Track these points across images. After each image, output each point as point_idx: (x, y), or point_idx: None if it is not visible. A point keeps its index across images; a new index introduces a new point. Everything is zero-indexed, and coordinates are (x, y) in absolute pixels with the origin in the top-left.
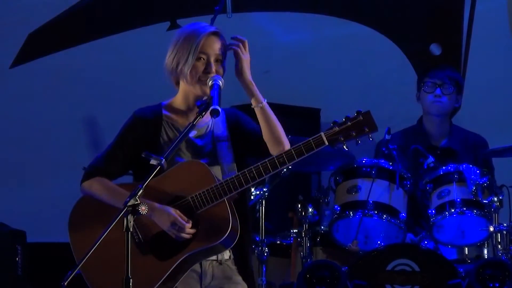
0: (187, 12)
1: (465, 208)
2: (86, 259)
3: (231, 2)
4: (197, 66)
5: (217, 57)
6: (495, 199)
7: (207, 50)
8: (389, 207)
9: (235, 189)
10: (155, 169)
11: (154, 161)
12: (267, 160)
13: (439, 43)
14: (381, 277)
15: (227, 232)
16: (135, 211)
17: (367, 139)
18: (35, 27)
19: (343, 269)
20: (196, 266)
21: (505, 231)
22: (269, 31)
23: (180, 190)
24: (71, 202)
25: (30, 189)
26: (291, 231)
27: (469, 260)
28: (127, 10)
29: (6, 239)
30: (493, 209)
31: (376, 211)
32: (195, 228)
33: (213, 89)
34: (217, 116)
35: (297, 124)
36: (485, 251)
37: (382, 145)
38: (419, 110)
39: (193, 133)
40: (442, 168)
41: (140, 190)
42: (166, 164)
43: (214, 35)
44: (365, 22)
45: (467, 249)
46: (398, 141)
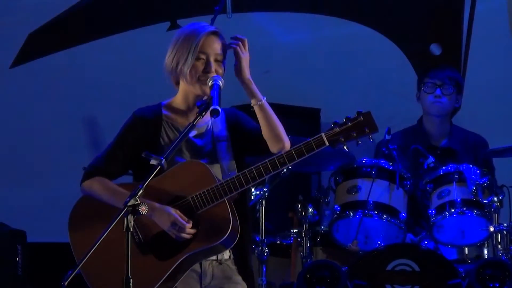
0: (187, 12)
1: (465, 208)
2: (86, 259)
3: (231, 2)
4: (197, 65)
5: (217, 57)
6: (495, 199)
7: (206, 49)
8: (389, 207)
9: (235, 189)
10: (155, 169)
11: (154, 161)
12: (268, 161)
13: (439, 43)
14: (381, 277)
15: (227, 233)
16: (135, 211)
17: (367, 140)
18: (35, 27)
19: (343, 269)
20: (196, 266)
21: (505, 231)
22: (269, 31)
23: (180, 190)
24: (71, 202)
25: (30, 189)
26: (291, 231)
27: (469, 260)
28: (127, 10)
29: (6, 239)
30: (493, 209)
31: (376, 211)
32: (195, 228)
33: (213, 89)
34: (217, 116)
35: (297, 124)
36: (485, 251)
37: (382, 145)
38: (419, 110)
39: (193, 133)
40: (442, 168)
41: (140, 190)
42: (166, 164)
43: (213, 34)
44: (365, 22)
45: (467, 249)
46: (398, 141)
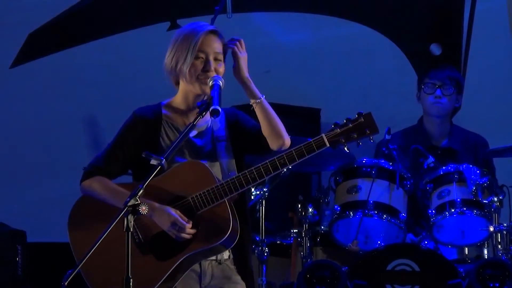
0: (187, 12)
1: (465, 208)
2: (86, 259)
3: (231, 2)
4: (196, 64)
5: (216, 56)
6: (495, 199)
7: (205, 48)
8: (389, 207)
9: (235, 189)
10: (155, 169)
11: (154, 161)
12: (268, 161)
13: (439, 43)
14: (381, 277)
15: (227, 233)
16: (135, 211)
17: (368, 141)
18: (35, 27)
19: (343, 269)
20: (196, 266)
21: (505, 231)
22: (269, 31)
23: (180, 190)
24: (71, 202)
25: (30, 189)
26: (291, 231)
27: (469, 260)
28: (127, 10)
29: (6, 239)
30: (493, 209)
31: (376, 211)
32: (195, 228)
33: (213, 89)
34: (217, 116)
35: (297, 124)
36: (485, 251)
37: (382, 145)
38: (419, 110)
39: (193, 133)
40: (442, 168)
41: (141, 190)
42: (167, 164)
43: (212, 34)
44: (365, 22)
45: (467, 249)
46: (398, 141)
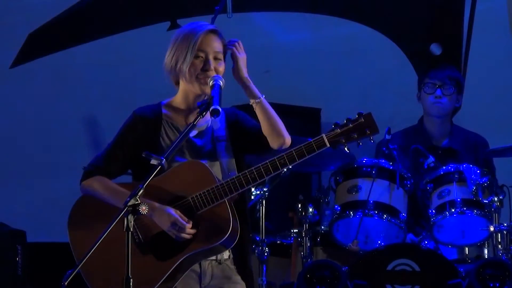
0: (188, 12)
1: (465, 208)
2: (86, 259)
3: (231, 2)
4: (195, 64)
5: (216, 55)
6: (496, 199)
7: (205, 48)
8: (389, 207)
9: (235, 190)
10: (155, 169)
11: (154, 161)
12: (268, 161)
13: (439, 43)
14: (381, 277)
15: (227, 233)
16: (135, 211)
17: (368, 141)
18: (35, 27)
19: (343, 269)
20: (196, 266)
21: (505, 231)
22: (269, 31)
23: (180, 190)
24: (71, 202)
25: (30, 189)
26: (292, 231)
27: (469, 260)
28: (127, 10)
29: (6, 239)
30: (493, 209)
31: (377, 211)
32: (195, 228)
33: (213, 89)
34: (217, 116)
35: (297, 124)
36: (486, 251)
37: (383, 145)
38: (419, 110)
39: (193, 133)
40: (443, 168)
41: (141, 190)
42: (167, 164)
43: (212, 33)
44: (365, 22)
45: (467, 249)
46: (399, 141)
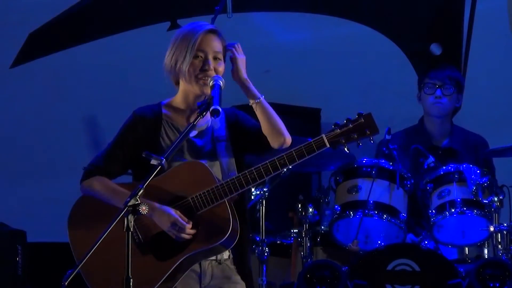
0: (188, 12)
1: (465, 208)
2: (86, 259)
3: (231, 2)
4: (195, 64)
5: (216, 55)
6: (496, 199)
7: (204, 47)
8: (389, 207)
9: (235, 190)
10: (155, 169)
11: (154, 161)
12: (268, 162)
13: (439, 43)
14: (382, 277)
15: (227, 233)
16: (135, 211)
17: (368, 141)
18: (35, 27)
19: (343, 269)
20: (196, 266)
21: (505, 231)
22: (269, 31)
23: (180, 191)
24: (71, 202)
25: (30, 189)
26: (292, 231)
27: (469, 260)
28: (127, 10)
29: (6, 239)
30: (493, 209)
31: (377, 211)
32: (195, 228)
33: (214, 89)
34: (217, 116)
35: (297, 124)
36: (486, 251)
37: (383, 145)
38: (419, 110)
39: (193, 133)
40: (443, 168)
41: (141, 190)
42: (167, 164)
43: (212, 33)
44: (365, 22)
45: (467, 249)
46: (399, 141)
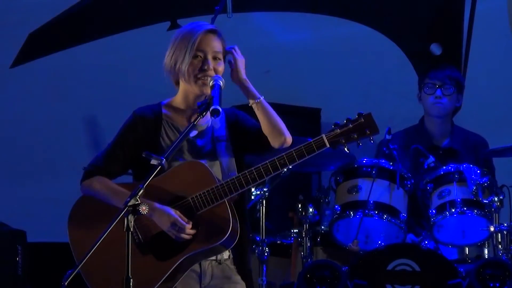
0: (187, 12)
1: (465, 208)
2: (86, 259)
3: (231, 2)
4: (194, 63)
5: (215, 55)
6: (496, 199)
7: (204, 47)
8: (389, 207)
9: (235, 190)
10: (155, 169)
11: (154, 161)
12: (268, 162)
13: (439, 43)
14: (382, 277)
15: (227, 233)
16: (135, 211)
17: (368, 141)
18: (35, 27)
19: (343, 269)
20: (196, 266)
21: (505, 231)
22: (269, 31)
23: (180, 191)
24: (71, 202)
25: (30, 189)
26: (292, 231)
27: (469, 260)
28: (127, 10)
29: (6, 239)
30: (493, 209)
31: (377, 211)
32: (195, 228)
33: (213, 89)
34: (217, 116)
35: (297, 124)
36: (486, 251)
37: (383, 145)
38: (419, 110)
39: (193, 133)
40: (443, 168)
41: (141, 190)
42: (167, 164)
43: (211, 33)
44: (365, 22)
45: (467, 249)
46: (400, 141)
